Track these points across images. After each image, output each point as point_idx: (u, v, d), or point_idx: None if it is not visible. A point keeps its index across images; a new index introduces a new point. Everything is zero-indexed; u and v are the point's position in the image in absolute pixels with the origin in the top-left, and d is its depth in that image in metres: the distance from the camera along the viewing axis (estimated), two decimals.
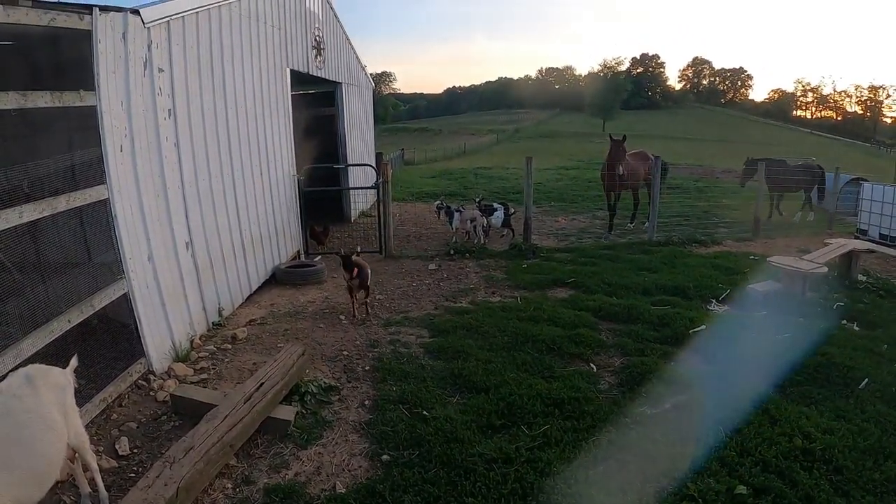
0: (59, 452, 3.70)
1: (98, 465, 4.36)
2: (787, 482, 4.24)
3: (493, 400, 5.37)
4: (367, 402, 5.56)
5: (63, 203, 5.15)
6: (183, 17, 6.73)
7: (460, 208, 13.13)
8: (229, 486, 4.45)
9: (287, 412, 5.19)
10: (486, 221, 12.54)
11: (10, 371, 4.05)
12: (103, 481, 4.34)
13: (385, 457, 4.67)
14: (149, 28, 6.04)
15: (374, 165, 13.97)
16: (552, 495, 4.10)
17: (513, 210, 13.31)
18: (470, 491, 4.15)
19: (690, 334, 7.02)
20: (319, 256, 11.16)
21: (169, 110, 6.51)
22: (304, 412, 5.35)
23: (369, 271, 7.73)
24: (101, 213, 5.72)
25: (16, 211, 4.64)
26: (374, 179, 12.62)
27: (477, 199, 14.10)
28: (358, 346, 6.88)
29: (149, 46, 6.07)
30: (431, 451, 4.62)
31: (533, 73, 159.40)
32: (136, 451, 5.01)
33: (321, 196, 13.31)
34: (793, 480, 4.26)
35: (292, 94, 10.82)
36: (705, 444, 4.70)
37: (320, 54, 12.47)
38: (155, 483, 4.05)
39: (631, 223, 15.07)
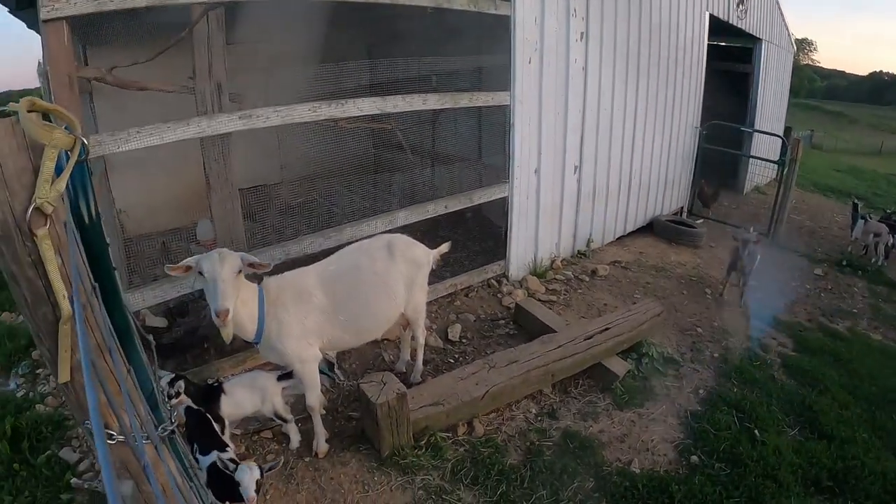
0: (388, 317, 4.10)
1: (425, 340, 4.72)
2: None
3: (832, 454, 4.24)
4: (701, 392, 4.96)
5: (466, 100, 5.46)
6: None
7: (867, 216, 11.15)
8: (533, 411, 4.40)
9: (620, 366, 4.86)
10: (891, 240, 10.48)
11: (380, 234, 4.58)
12: (423, 356, 4.69)
13: (694, 458, 4.09)
14: None
15: (783, 138, 12.52)
16: None
17: None
18: None
19: None
20: (702, 220, 10.48)
21: (581, 33, 6.38)
22: (636, 373, 4.94)
23: (759, 257, 6.90)
24: (500, 118, 5.97)
25: (420, 97, 5.07)
26: (779, 154, 11.31)
27: (888, 212, 11.85)
28: (714, 328, 6.19)
29: None
30: (744, 477, 3.88)
31: None
32: (464, 340, 5.29)
33: (719, 157, 12.36)
34: None
35: None
36: None
37: (742, 3, 11.21)
38: (468, 378, 4.23)
39: None
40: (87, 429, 1.58)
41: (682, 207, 10.37)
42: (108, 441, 1.57)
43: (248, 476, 2.95)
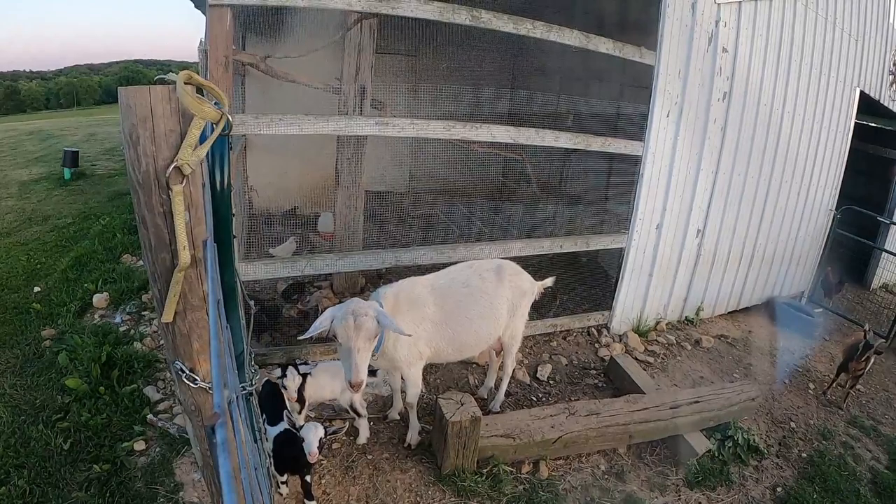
0: (488, 337, 4.15)
1: (513, 373, 4.73)
2: None
3: None
4: (778, 490, 4.63)
5: (598, 144, 5.44)
6: (756, 0, 6.18)
7: None
8: (602, 467, 4.29)
9: (700, 443, 4.63)
10: None
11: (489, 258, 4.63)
12: (507, 388, 4.69)
13: None
14: (719, 5, 5.73)
15: None
16: None
17: None
18: None
19: None
20: (821, 309, 9.85)
21: (725, 93, 6.14)
22: (716, 454, 4.68)
23: (873, 361, 6.42)
24: (629, 167, 5.89)
25: (553, 134, 5.11)
26: None
27: None
28: (809, 426, 5.80)
29: (716, 23, 5.77)
30: None
31: None
32: (551, 382, 5.24)
33: (849, 245, 11.60)
34: None
35: None
36: None
37: None
38: (545, 419, 4.20)
39: None
40: (176, 368, 1.74)
41: (802, 292, 9.76)
42: (191, 384, 1.73)
43: (313, 433, 3.12)
